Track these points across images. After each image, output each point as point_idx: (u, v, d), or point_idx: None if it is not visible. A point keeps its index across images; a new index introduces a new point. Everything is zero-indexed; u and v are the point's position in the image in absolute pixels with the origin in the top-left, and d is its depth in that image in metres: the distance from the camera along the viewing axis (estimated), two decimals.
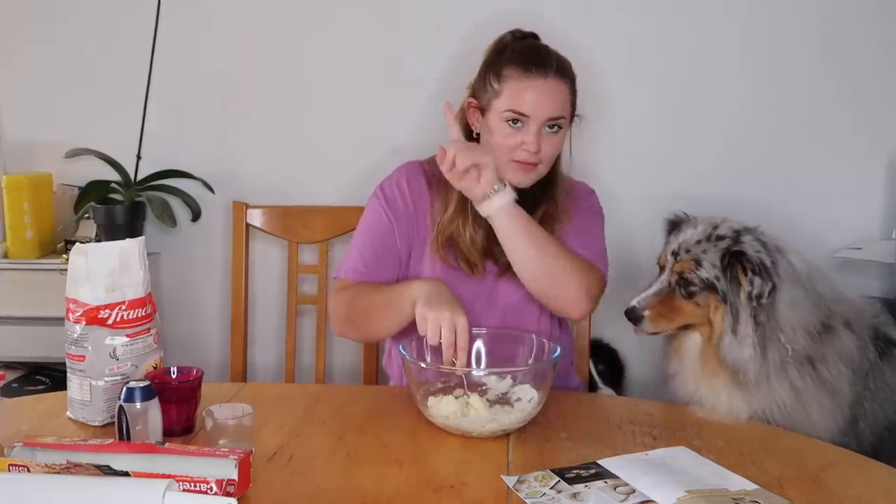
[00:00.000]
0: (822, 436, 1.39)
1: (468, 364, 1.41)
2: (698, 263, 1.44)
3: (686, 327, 1.49)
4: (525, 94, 1.52)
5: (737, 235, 1.44)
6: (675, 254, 1.48)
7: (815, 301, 1.43)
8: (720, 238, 1.45)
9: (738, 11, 2.16)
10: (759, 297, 1.38)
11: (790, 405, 1.40)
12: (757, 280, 1.38)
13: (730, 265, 1.41)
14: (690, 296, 1.45)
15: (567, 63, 1.58)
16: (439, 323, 1.40)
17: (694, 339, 1.49)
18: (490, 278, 1.65)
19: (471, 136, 1.61)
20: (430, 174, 1.68)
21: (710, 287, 1.43)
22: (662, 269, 1.50)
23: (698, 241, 1.46)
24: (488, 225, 1.58)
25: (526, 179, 1.58)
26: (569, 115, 1.58)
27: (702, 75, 2.20)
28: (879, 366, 1.48)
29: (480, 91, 1.58)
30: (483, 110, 1.58)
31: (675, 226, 1.54)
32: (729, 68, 2.19)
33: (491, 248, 1.61)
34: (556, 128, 1.55)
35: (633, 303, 1.48)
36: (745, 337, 1.40)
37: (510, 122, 1.53)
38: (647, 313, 1.47)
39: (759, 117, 2.20)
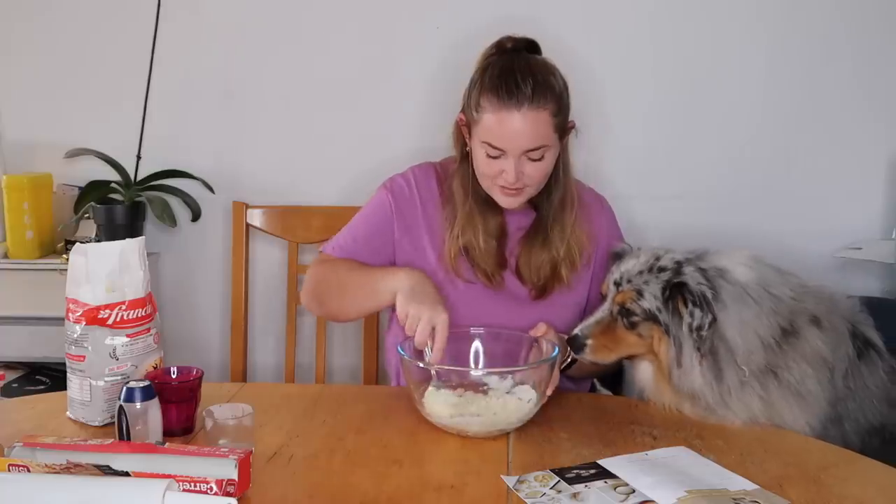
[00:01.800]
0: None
1: (444, 361, 1.40)
2: (640, 294, 1.42)
3: (634, 356, 1.48)
4: (499, 128, 1.47)
5: (678, 267, 1.42)
6: (616, 284, 1.46)
7: (772, 308, 1.40)
8: (662, 269, 1.43)
9: (737, 12, 2.16)
10: (700, 328, 1.36)
11: (763, 413, 1.40)
12: (697, 312, 1.36)
13: (671, 297, 1.40)
14: (633, 326, 1.44)
15: (548, 83, 1.48)
16: (417, 320, 1.40)
17: (646, 370, 1.48)
18: (509, 287, 1.63)
19: (464, 149, 1.59)
20: (442, 176, 1.67)
21: (652, 318, 1.42)
22: (605, 298, 1.49)
23: (640, 272, 1.44)
24: (500, 233, 1.59)
25: (514, 203, 1.56)
26: (552, 139, 1.50)
27: (702, 77, 2.19)
28: (858, 365, 1.46)
29: (467, 111, 1.55)
30: (470, 130, 1.55)
31: (618, 257, 1.53)
32: (729, 69, 2.18)
33: (504, 255, 1.61)
34: (538, 155, 1.50)
35: (576, 331, 1.47)
36: (691, 368, 1.39)
37: (488, 153, 1.50)
38: (589, 342, 1.46)
39: (760, 117, 2.20)
